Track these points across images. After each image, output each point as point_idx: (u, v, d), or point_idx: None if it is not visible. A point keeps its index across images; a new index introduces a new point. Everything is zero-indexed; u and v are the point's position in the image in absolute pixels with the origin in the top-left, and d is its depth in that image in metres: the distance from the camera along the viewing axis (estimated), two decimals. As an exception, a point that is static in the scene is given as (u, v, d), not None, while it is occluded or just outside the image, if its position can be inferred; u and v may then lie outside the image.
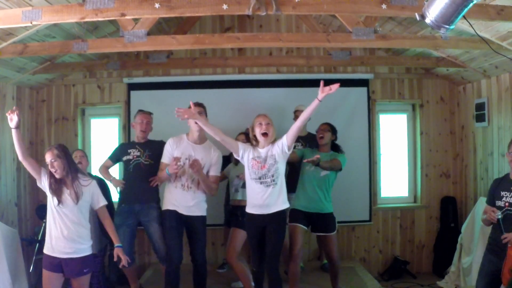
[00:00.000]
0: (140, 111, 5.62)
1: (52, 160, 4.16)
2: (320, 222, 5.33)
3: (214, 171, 5.11)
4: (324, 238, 5.38)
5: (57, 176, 4.17)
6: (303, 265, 6.53)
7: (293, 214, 5.27)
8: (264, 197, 4.59)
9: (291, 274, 5.23)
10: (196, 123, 4.83)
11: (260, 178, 4.60)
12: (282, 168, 4.67)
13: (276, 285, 4.65)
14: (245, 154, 4.69)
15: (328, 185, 5.37)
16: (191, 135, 5.10)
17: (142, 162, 5.38)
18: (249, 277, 5.31)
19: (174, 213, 5.00)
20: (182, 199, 5.00)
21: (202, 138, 5.13)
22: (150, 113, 5.62)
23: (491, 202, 4.33)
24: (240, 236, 5.32)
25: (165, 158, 5.05)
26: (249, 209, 4.75)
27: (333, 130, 5.53)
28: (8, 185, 6.23)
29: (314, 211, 5.28)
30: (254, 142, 4.77)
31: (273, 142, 4.70)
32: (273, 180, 4.60)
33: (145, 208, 5.29)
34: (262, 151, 4.68)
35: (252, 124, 4.79)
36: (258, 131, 4.68)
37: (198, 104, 4.99)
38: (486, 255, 4.32)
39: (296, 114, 6.14)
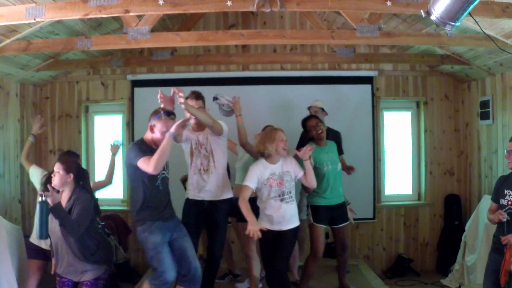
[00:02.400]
0: (167, 113, 4.39)
1: None
2: (340, 212, 5.35)
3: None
4: (340, 229, 5.40)
5: None
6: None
7: (317, 213, 5.23)
8: (284, 214, 4.60)
9: (308, 272, 5.28)
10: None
11: (279, 196, 4.59)
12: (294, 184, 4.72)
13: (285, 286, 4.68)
14: (260, 179, 4.63)
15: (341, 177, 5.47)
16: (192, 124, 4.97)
17: (166, 176, 4.47)
18: (258, 277, 5.33)
19: (192, 205, 4.82)
20: (199, 184, 4.79)
21: (201, 124, 4.90)
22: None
23: (495, 199, 4.35)
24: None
25: None
26: (265, 225, 4.62)
27: (322, 121, 5.48)
28: (11, 182, 6.24)
29: (335, 203, 5.30)
30: (266, 154, 4.68)
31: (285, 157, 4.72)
32: (291, 197, 4.64)
33: (178, 223, 4.61)
34: (274, 167, 4.63)
35: (270, 137, 4.67)
36: (281, 146, 4.62)
37: (196, 96, 4.94)
38: (491, 254, 4.32)
39: (310, 110, 6.05)
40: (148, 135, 4.29)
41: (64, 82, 7.19)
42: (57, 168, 4.16)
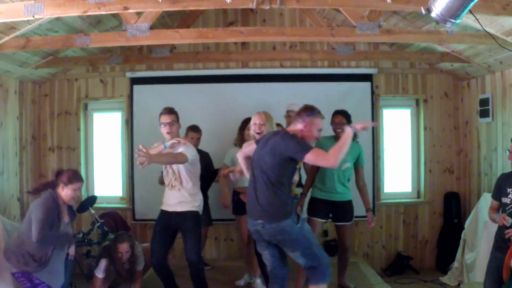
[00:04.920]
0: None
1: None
2: (341, 211, 5.30)
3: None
4: (340, 227, 5.36)
5: None
6: None
7: (313, 206, 5.25)
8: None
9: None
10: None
11: None
12: None
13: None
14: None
15: (348, 177, 5.33)
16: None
17: None
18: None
19: (162, 216, 4.96)
20: (168, 198, 4.94)
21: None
22: None
23: (497, 197, 4.35)
24: None
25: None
26: None
27: (348, 118, 5.33)
28: (10, 180, 6.23)
29: (333, 199, 5.25)
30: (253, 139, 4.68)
31: None
32: None
33: None
34: None
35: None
36: (252, 130, 4.70)
37: (169, 111, 4.92)
38: (493, 252, 4.32)
39: (289, 114, 5.85)
40: (297, 131, 4.07)
41: (63, 80, 7.17)
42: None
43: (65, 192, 4.25)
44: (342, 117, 5.30)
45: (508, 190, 4.19)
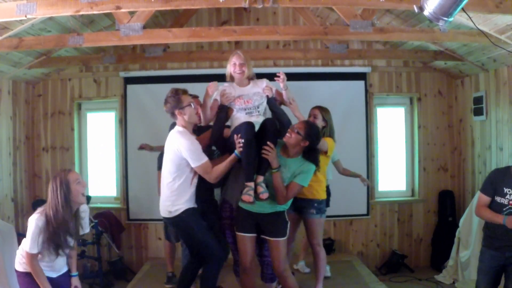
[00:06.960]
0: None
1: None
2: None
3: None
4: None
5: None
6: None
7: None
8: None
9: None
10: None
11: (245, 109, 4.52)
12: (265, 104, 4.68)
13: None
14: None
15: None
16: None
17: None
18: None
19: (196, 210, 4.47)
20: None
21: None
22: None
23: (489, 193, 4.14)
24: None
25: None
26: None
27: (308, 134, 4.21)
28: (4, 180, 6.20)
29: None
30: (229, 79, 4.69)
31: (254, 79, 4.73)
32: (258, 112, 4.57)
33: None
34: (244, 89, 4.62)
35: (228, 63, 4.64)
36: (232, 70, 4.59)
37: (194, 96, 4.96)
38: (485, 252, 4.21)
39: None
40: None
41: (56, 80, 7.15)
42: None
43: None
44: (302, 124, 4.36)
45: (506, 190, 4.02)
